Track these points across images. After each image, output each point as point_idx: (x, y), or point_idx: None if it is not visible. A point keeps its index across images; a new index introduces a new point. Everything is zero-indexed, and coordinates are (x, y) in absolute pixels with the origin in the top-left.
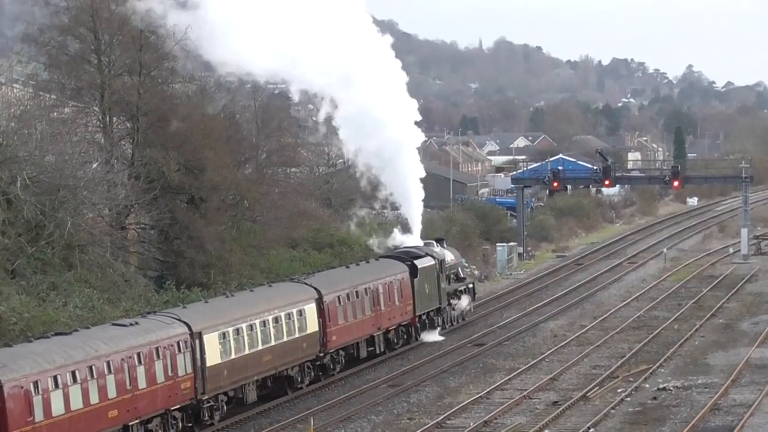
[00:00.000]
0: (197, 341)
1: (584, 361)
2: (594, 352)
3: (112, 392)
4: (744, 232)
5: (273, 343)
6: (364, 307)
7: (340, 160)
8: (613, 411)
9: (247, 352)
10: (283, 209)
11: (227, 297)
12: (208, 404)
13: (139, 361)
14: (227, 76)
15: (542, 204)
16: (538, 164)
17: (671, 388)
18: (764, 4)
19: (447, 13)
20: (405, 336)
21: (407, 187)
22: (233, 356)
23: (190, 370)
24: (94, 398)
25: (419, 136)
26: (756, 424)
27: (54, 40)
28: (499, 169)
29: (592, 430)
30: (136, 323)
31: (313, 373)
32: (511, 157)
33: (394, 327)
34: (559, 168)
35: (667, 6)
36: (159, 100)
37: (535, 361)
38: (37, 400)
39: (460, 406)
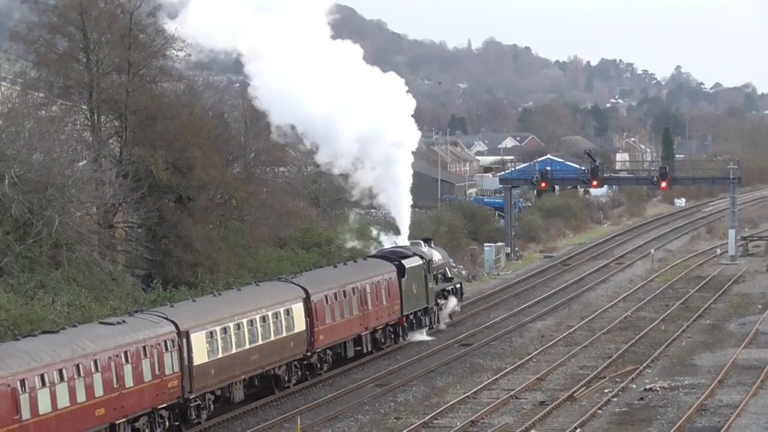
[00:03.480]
0: (184, 340)
1: (571, 362)
2: (581, 353)
3: (99, 391)
4: (732, 233)
5: (260, 342)
6: (351, 306)
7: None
8: (600, 411)
9: (234, 351)
10: (271, 208)
11: (215, 296)
12: (195, 403)
13: (127, 360)
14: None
15: (530, 204)
16: (526, 164)
17: (658, 389)
18: (753, 5)
19: (436, 13)
20: (392, 336)
21: (396, 188)
22: (220, 355)
23: (177, 368)
24: (81, 397)
25: (414, 138)
26: (742, 425)
27: (42, 39)
28: (487, 170)
29: (579, 430)
30: (124, 322)
31: (300, 373)
32: (499, 158)
33: (381, 327)
34: (547, 168)
35: (656, 7)
36: (147, 99)
37: (522, 361)
38: (24, 399)
39: (447, 405)
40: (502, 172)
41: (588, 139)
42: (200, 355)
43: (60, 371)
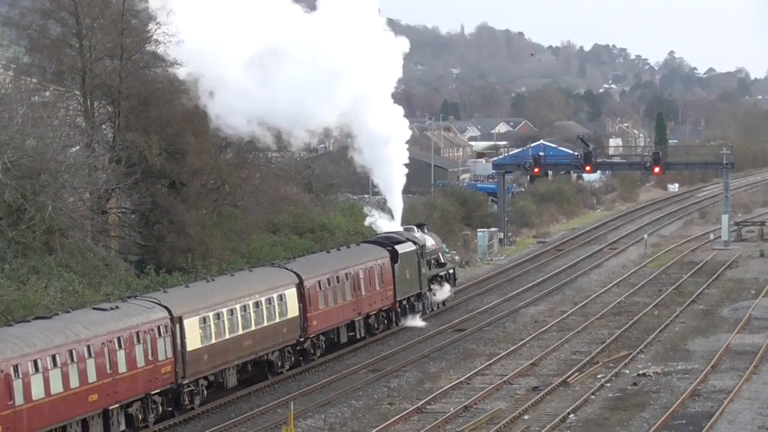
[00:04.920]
0: (178, 326)
1: (564, 347)
2: (574, 338)
3: (92, 376)
4: (725, 218)
5: (253, 327)
6: (344, 292)
7: (321, 145)
8: (593, 397)
9: (227, 336)
10: (264, 194)
11: (208, 282)
12: (189, 389)
13: (120, 346)
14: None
15: (523, 190)
16: (519, 150)
17: (651, 374)
18: None
19: None
20: (385, 321)
21: (390, 173)
22: (213, 341)
23: (170, 354)
24: (74, 382)
25: (405, 124)
26: (735, 410)
27: (35, 24)
28: (480, 155)
29: (572, 415)
30: (117, 307)
31: (293, 358)
32: (492, 143)
33: (374, 312)
34: (541, 154)
35: None
36: (140, 84)
37: (516, 346)
38: (18, 384)
39: (440, 391)
40: (495, 158)
41: (581, 124)
42: (193, 340)
43: (53, 357)
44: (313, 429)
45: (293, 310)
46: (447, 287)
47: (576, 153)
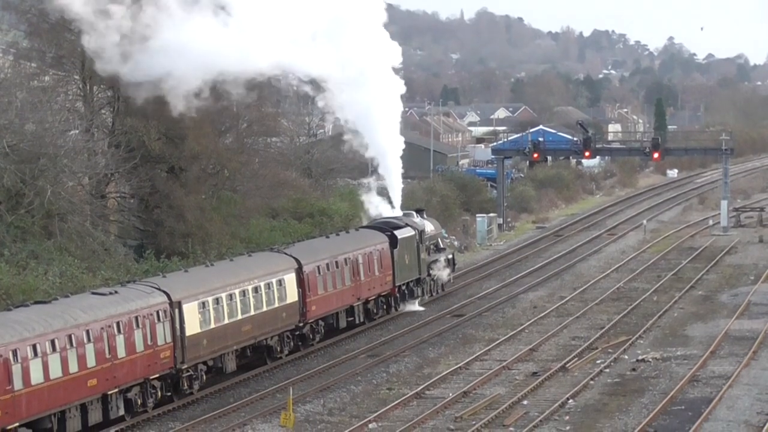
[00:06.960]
0: (177, 310)
1: (563, 333)
2: (573, 324)
3: (91, 361)
4: (724, 204)
5: (252, 312)
6: (343, 277)
7: (321, 131)
8: (592, 382)
9: (226, 321)
10: (263, 179)
11: (207, 266)
12: (188, 373)
13: (119, 330)
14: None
15: (522, 175)
16: (518, 135)
17: (650, 360)
18: None
19: None
20: (384, 306)
21: (387, 158)
22: (213, 326)
23: (169, 339)
24: (73, 367)
25: (399, 107)
26: (734, 396)
27: (34, 8)
28: (479, 140)
29: (570, 401)
30: (116, 292)
31: (292, 343)
32: (491, 128)
33: (373, 297)
34: (540, 139)
35: None
36: None
37: (515, 332)
38: (16, 369)
39: (439, 376)
40: (495, 143)
41: (580, 109)
42: (192, 325)
43: (52, 341)
44: (312, 414)
45: (292, 295)
46: (446, 272)
47: (575, 138)
